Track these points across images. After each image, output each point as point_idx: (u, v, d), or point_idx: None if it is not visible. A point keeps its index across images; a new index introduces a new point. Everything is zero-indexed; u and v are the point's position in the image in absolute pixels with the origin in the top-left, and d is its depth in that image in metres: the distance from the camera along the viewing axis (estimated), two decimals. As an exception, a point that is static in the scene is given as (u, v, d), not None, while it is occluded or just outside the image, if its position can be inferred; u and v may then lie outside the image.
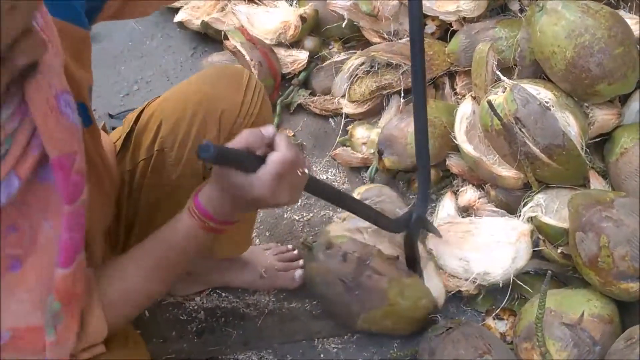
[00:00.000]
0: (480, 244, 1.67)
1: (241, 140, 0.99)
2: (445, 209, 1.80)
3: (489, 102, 1.62)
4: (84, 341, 1.00)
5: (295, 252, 1.79)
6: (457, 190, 1.83)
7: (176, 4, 2.35)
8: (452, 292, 1.68)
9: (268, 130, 1.02)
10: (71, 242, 0.94)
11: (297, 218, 1.90)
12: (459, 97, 1.94)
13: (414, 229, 1.60)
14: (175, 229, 1.08)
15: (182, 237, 1.07)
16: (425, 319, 1.59)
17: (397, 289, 1.55)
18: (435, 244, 1.71)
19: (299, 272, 1.73)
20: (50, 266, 0.93)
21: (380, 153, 1.84)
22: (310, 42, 2.16)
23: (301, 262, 1.77)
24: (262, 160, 1.00)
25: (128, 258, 1.09)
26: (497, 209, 1.74)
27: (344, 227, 1.64)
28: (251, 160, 1.00)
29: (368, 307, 1.56)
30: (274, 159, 0.99)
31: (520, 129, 1.60)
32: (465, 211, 1.79)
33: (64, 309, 0.94)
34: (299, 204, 1.93)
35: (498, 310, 1.66)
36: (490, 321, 1.65)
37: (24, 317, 0.93)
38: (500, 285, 1.63)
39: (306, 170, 1.07)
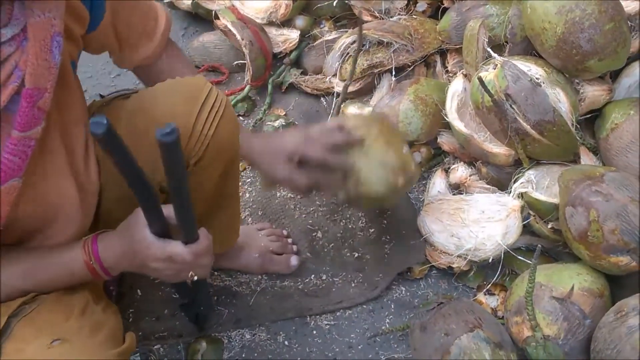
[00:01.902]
0: (471, 220, 1.67)
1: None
2: (436, 186, 1.80)
3: (480, 79, 1.62)
4: None
5: (290, 239, 1.79)
6: (448, 168, 1.84)
7: (166, -16, 2.34)
8: (443, 268, 1.70)
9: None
10: (9, 164, 0.98)
11: (290, 196, 1.89)
12: (451, 74, 1.94)
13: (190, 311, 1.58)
14: (63, 250, 1.15)
15: (64, 260, 1.14)
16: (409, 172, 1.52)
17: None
18: (428, 221, 1.72)
19: (294, 258, 1.73)
20: None
21: (371, 131, 1.83)
22: (301, 21, 2.15)
23: (295, 247, 1.78)
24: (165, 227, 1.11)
25: (12, 250, 1.13)
26: (488, 186, 1.75)
27: None
28: (159, 216, 1.09)
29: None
30: (178, 250, 1.11)
31: (510, 106, 1.60)
32: (457, 188, 1.80)
33: None
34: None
35: (489, 285, 1.67)
36: (481, 297, 1.66)
37: None
38: (491, 261, 1.63)
39: (195, 278, 1.18)
